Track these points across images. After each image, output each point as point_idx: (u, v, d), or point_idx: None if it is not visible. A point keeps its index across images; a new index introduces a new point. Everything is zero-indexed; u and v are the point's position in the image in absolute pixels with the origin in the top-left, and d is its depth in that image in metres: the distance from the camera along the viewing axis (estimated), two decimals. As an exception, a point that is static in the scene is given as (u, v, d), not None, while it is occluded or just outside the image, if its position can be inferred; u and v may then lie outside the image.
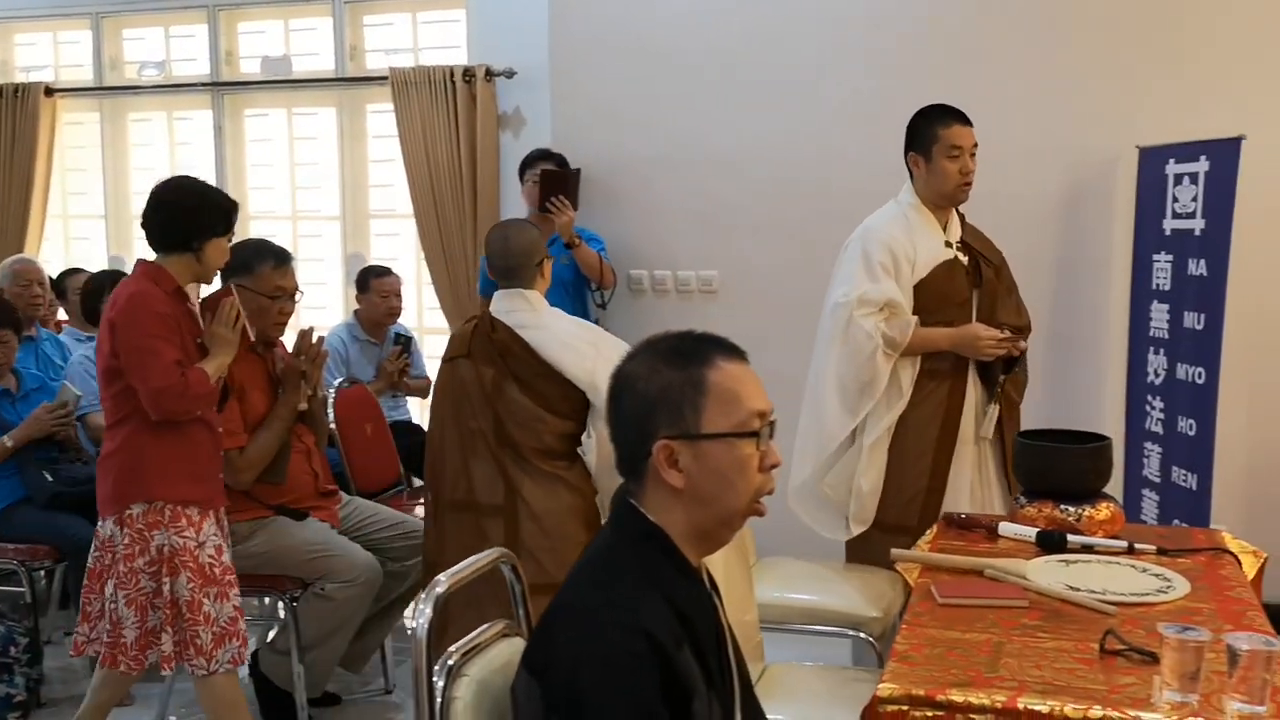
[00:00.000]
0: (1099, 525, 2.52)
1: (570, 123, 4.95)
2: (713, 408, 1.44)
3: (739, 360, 1.50)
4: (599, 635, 1.33)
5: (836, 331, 3.04)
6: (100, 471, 2.88)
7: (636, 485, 1.48)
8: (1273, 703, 1.63)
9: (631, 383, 1.47)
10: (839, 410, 3.04)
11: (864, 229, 3.14)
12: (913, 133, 3.18)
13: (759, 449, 1.47)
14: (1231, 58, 4.16)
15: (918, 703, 1.70)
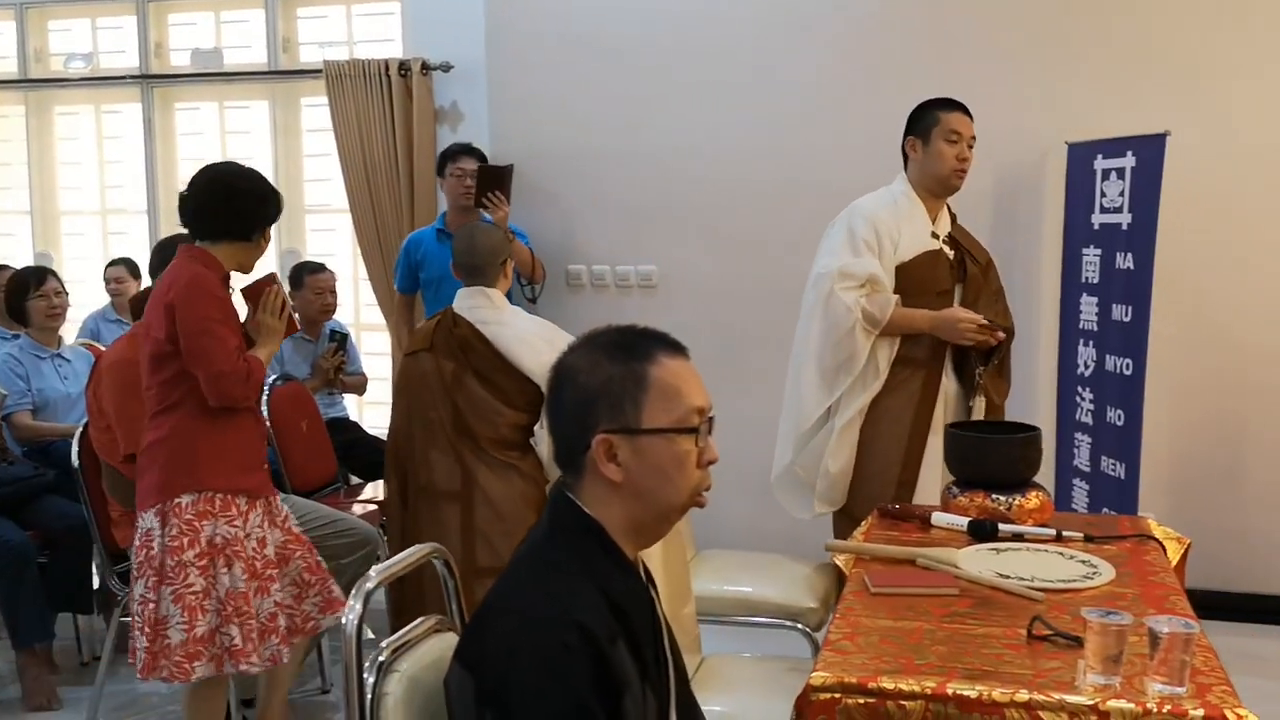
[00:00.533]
0: (1029, 514, 2.57)
1: (508, 117, 4.93)
2: (653, 403, 1.44)
3: (681, 356, 1.50)
4: (533, 628, 1.33)
5: (818, 303, 3.05)
6: (143, 462, 2.77)
7: (574, 478, 1.48)
8: (1192, 683, 1.67)
9: (572, 375, 1.47)
10: (816, 386, 3.06)
11: (852, 207, 3.16)
12: (913, 120, 3.22)
13: (698, 445, 1.47)
14: (1157, 56, 4.25)
15: (849, 690, 1.72)
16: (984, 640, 1.89)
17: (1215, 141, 4.16)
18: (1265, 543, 4.29)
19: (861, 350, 3.02)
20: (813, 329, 3.06)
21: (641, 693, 1.39)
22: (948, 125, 3.13)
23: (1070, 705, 1.64)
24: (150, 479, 2.75)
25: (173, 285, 2.74)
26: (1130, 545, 2.44)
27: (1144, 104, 4.18)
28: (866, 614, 2.02)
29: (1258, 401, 4.25)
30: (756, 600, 2.93)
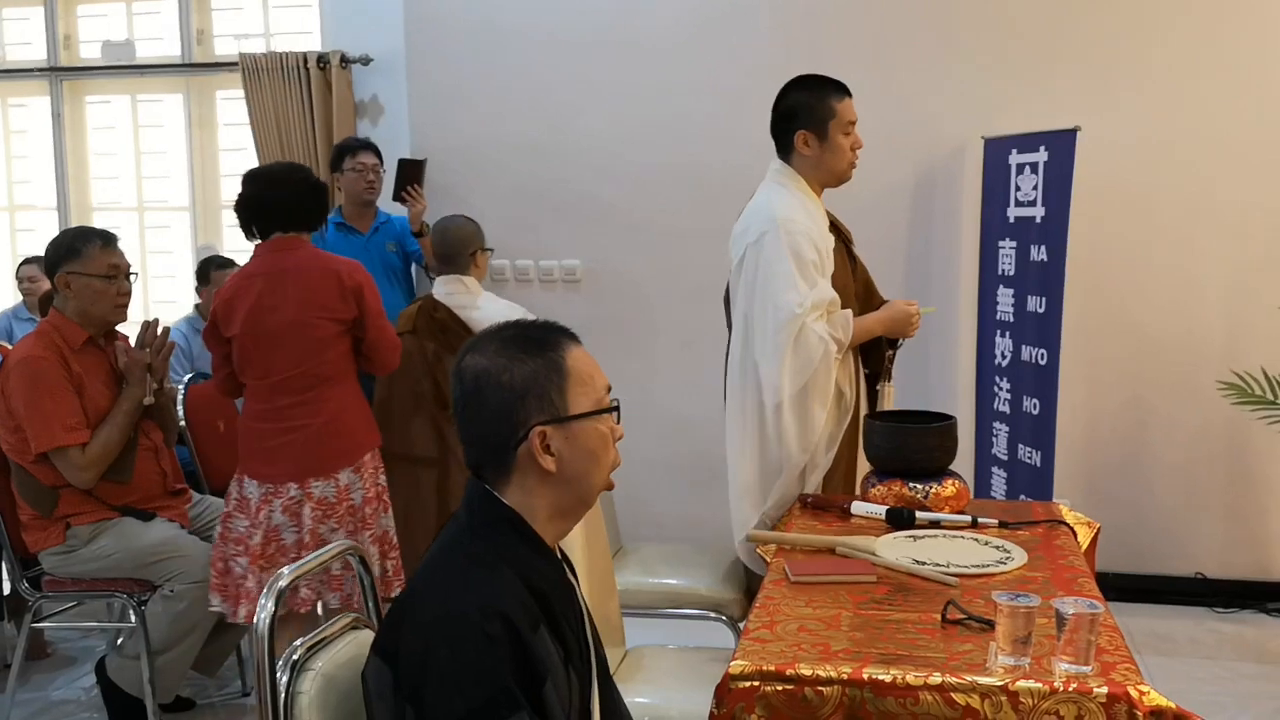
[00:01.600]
0: (945, 501, 2.61)
1: (428, 110, 4.88)
2: (574, 390, 1.48)
3: (579, 343, 1.54)
4: (452, 618, 1.33)
5: (787, 345, 2.72)
6: (329, 430, 3.09)
7: (498, 474, 1.49)
8: (1097, 662, 1.71)
9: (492, 375, 1.47)
10: (798, 428, 2.77)
11: (778, 222, 2.78)
12: (800, 109, 2.88)
13: (616, 423, 1.53)
14: (1069, 53, 4.35)
15: (768, 678, 1.74)
16: (899, 625, 1.92)
17: (1125, 137, 4.27)
18: (1173, 525, 4.43)
19: (833, 379, 2.80)
20: (783, 371, 2.73)
21: (565, 677, 1.40)
22: (844, 116, 2.87)
23: (981, 686, 1.68)
24: (341, 443, 3.11)
25: (355, 268, 3.14)
26: (1042, 530, 2.50)
27: (1057, 100, 4.28)
28: (786, 603, 2.04)
29: (1165, 390, 4.38)
30: (681, 592, 2.95)
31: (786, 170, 2.91)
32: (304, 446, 3.04)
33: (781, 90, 2.95)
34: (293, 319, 3.02)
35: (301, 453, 3.04)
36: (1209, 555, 4.41)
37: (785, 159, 2.92)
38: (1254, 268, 4.24)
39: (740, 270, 2.83)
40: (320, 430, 3.06)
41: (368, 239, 4.57)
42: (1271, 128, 4.20)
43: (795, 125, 2.87)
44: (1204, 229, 4.29)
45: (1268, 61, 4.20)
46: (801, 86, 2.92)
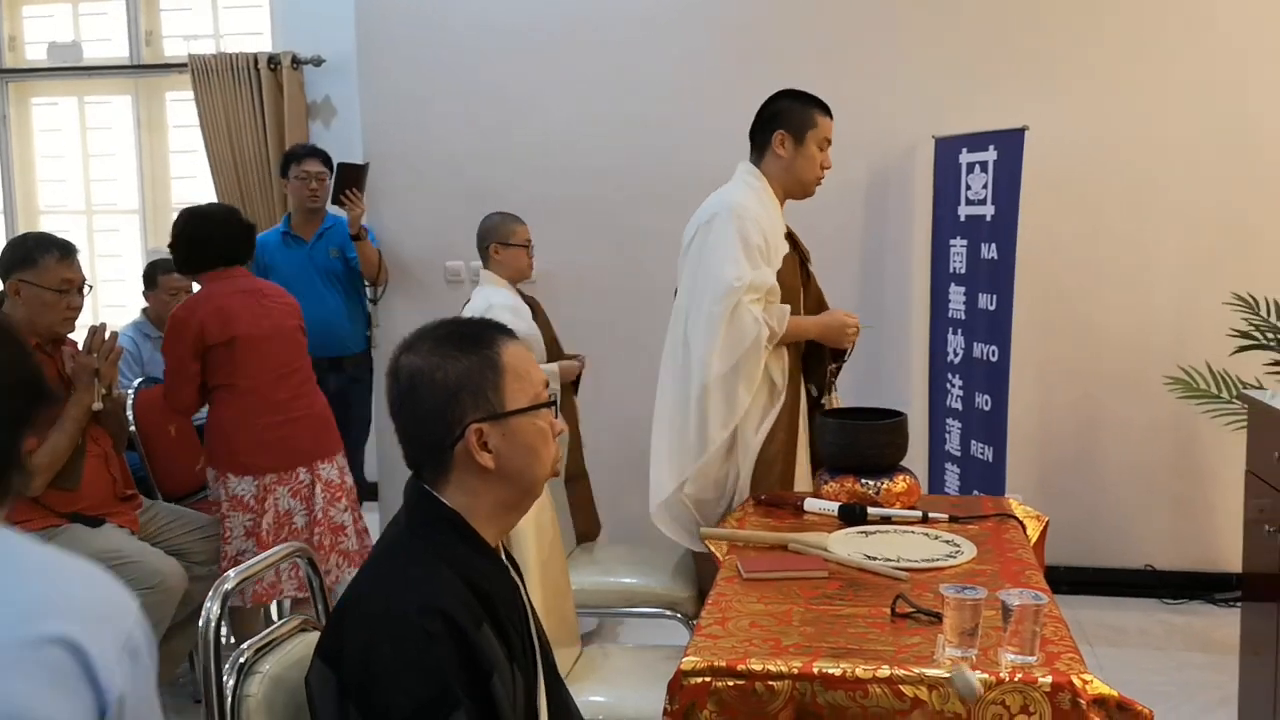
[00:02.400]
0: (897, 497, 2.64)
1: (381, 112, 4.85)
2: (511, 385, 1.48)
3: (515, 339, 1.54)
4: (393, 618, 1.32)
5: (722, 318, 2.75)
6: (325, 416, 3.48)
7: (436, 473, 1.48)
8: (1042, 652, 1.74)
9: (428, 374, 1.47)
10: (722, 407, 2.80)
11: (731, 207, 2.85)
12: (784, 112, 2.97)
13: (555, 417, 1.52)
14: (1017, 54, 4.41)
15: (720, 673, 1.75)
16: (850, 620, 1.94)
17: (1074, 136, 4.33)
18: (1124, 519, 4.50)
19: (761, 365, 2.83)
20: (715, 346, 2.77)
21: (510, 673, 1.40)
22: (823, 131, 2.98)
23: (929, 678, 1.70)
24: (329, 437, 3.48)
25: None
26: (992, 525, 2.53)
27: (1006, 99, 4.33)
28: (738, 599, 2.05)
29: (1115, 385, 4.44)
30: (635, 591, 2.96)
31: (754, 170, 2.99)
32: (310, 431, 3.39)
33: (770, 96, 3.06)
34: (280, 323, 3.39)
35: (308, 437, 3.39)
36: (1158, 548, 4.49)
37: (757, 161, 2.99)
38: (1201, 265, 4.31)
39: (688, 251, 2.90)
40: (319, 417, 3.45)
41: (311, 246, 4.54)
42: (1217, 126, 4.28)
43: (777, 125, 2.97)
44: (1152, 227, 4.35)
45: (1212, 61, 4.28)
46: (790, 96, 3.05)
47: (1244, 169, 4.28)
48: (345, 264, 4.61)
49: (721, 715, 1.74)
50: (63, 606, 0.97)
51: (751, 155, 3.02)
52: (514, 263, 3.92)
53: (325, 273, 4.51)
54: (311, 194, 4.51)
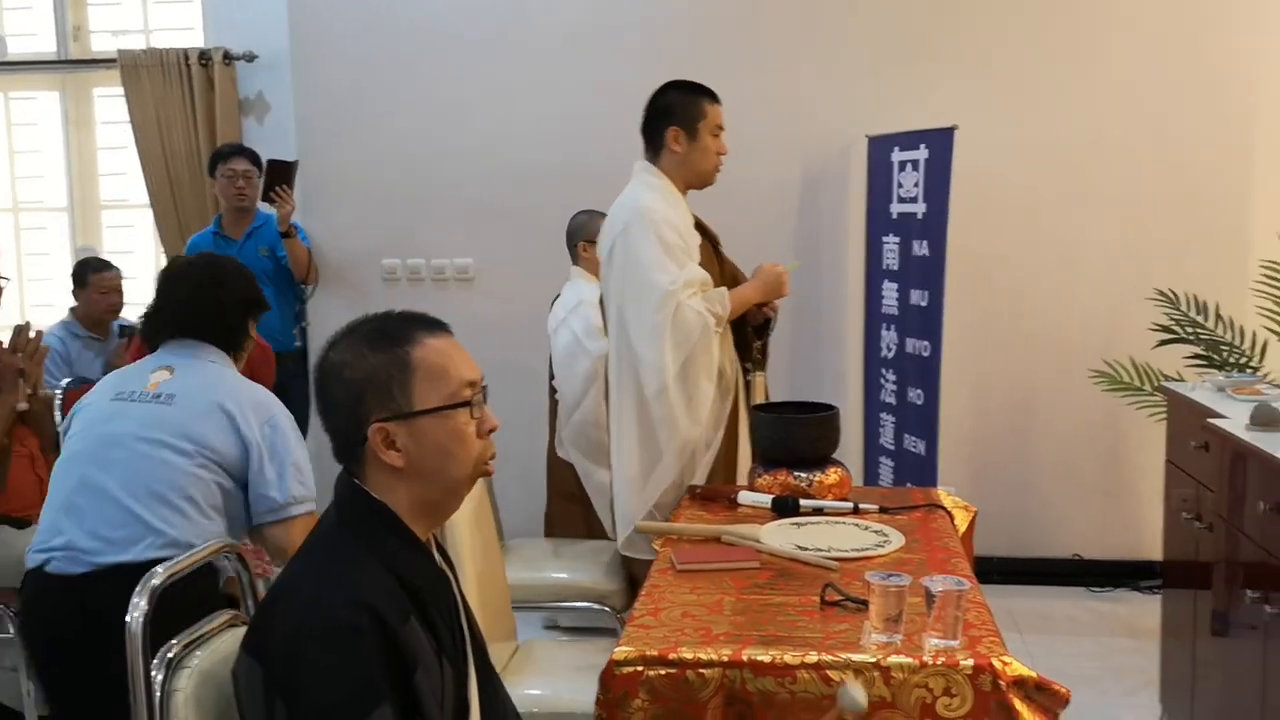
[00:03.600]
0: (828, 489, 2.68)
1: (314, 108, 4.82)
2: (421, 385, 1.46)
3: (443, 334, 1.52)
4: (319, 611, 1.33)
5: (666, 324, 2.79)
6: None
7: (357, 468, 1.48)
8: (965, 636, 1.79)
9: (338, 371, 1.47)
10: (686, 406, 2.82)
11: (641, 213, 2.88)
12: (673, 107, 2.98)
13: (474, 417, 1.49)
14: (947, 55, 4.50)
15: (651, 663, 1.77)
16: (780, 608, 1.97)
17: (1003, 135, 4.43)
18: (1051, 510, 4.61)
19: (715, 352, 2.87)
20: (664, 350, 2.80)
21: (439, 667, 1.41)
22: (713, 120, 2.97)
23: (855, 663, 1.74)
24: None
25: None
26: (920, 515, 2.58)
27: (937, 100, 4.41)
28: (671, 590, 2.08)
29: (1044, 379, 4.55)
30: (567, 585, 2.98)
31: (651, 169, 2.99)
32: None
33: (656, 91, 3.03)
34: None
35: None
36: (1086, 538, 4.60)
37: (654, 157, 3.00)
38: (1125, 261, 4.43)
39: (610, 264, 2.90)
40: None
41: (240, 246, 4.48)
42: (1141, 128, 4.40)
43: (668, 121, 2.96)
44: (1079, 225, 4.47)
45: (1137, 61, 4.40)
46: (676, 88, 3.02)
47: (1167, 170, 4.41)
48: (276, 262, 4.56)
49: (653, 704, 1.76)
50: (232, 395, 2.30)
51: (646, 153, 3.02)
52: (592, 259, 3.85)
53: (257, 272, 4.43)
54: (239, 193, 4.46)
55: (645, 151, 3.02)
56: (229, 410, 2.27)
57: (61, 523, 2.21)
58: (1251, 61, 4.34)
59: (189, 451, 2.21)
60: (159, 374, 2.34)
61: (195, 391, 2.30)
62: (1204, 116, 4.36)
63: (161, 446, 2.21)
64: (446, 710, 1.40)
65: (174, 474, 2.20)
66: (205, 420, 2.26)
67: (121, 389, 2.36)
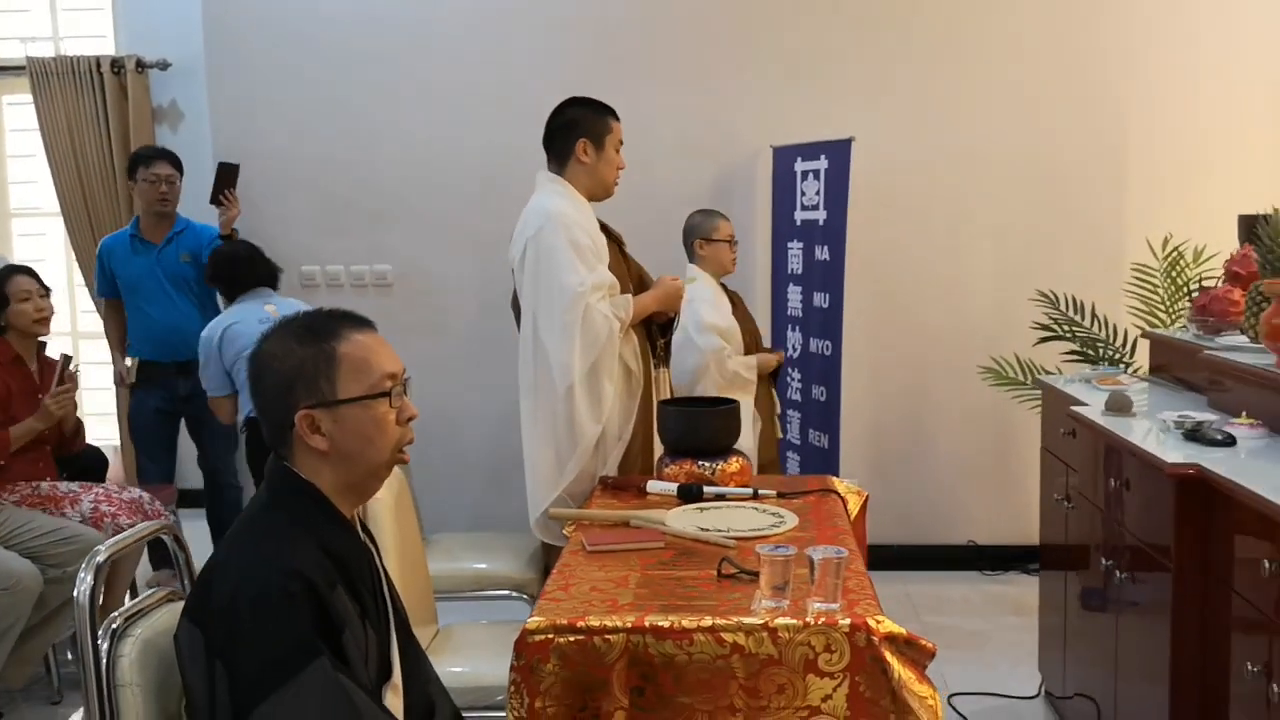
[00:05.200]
0: (730, 477, 2.86)
1: (230, 117, 4.87)
2: (345, 376, 1.61)
3: (368, 330, 1.67)
4: (256, 579, 1.46)
5: (575, 324, 2.93)
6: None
7: (287, 451, 1.62)
8: (844, 600, 1.97)
9: (268, 363, 1.62)
10: (592, 404, 2.97)
11: (553, 216, 3.00)
12: (582, 121, 3.12)
13: (393, 406, 1.65)
14: (848, 70, 4.74)
15: (561, 631, 1.92)
16: (680, 581, 2.14)
17: (897, 147, 4.69)
18: (948, 500, 4.87)
19: (617, 356, 3.01)
20: (573, 350, 2.94)
21: (363, 630, 1.55)
22: (617, 135, 3.15)
23: (746, 626, 1.91)
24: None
25: None
26: (814, 499, 2.77)
27: (838, 112, 4.66)
28: (581, 569, 2.23)
29: (939, 376, 4.81)
30: (485, 575, 3.13)
31: (556, 178, 3.13)
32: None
33: (559, 106, 3.17)
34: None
35: None
36: (979, 524, 4.87)
37: (558, 168, 3.14)
38: (1012, 264, 4.71)
39: (523, 266, 3.04)
40: None
41: (159, 251, 4.50)
42: (1025, 139, 4.70)
43: (578, 134, 3.11)
44: (968, 230, 4.74)
45: (1020, 77, 4.68)
46: (582, 103, 3.18)
47: (1048, 178, 4.70)
48: (197, 269, 4.59)
49: (563, 668, 1.92)
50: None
51: (550, 165, 3.15)
52: (717, 257, 4.08)
53: (175, 278, 4.46)
54: (161, 197, 4.46)
55: (549, 163, 3.16)
56: None
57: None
58: (1121, 78, 4.66)
59: None
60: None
61: None
62: (1080, 129, 4.67)
63: None
64: (370, 669, 1.55)
65: None
66: None
67: None
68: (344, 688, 1.42)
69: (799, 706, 1.91)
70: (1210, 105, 4.63)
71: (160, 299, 4.41)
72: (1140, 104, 4.66)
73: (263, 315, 3.89)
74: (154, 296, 4.42)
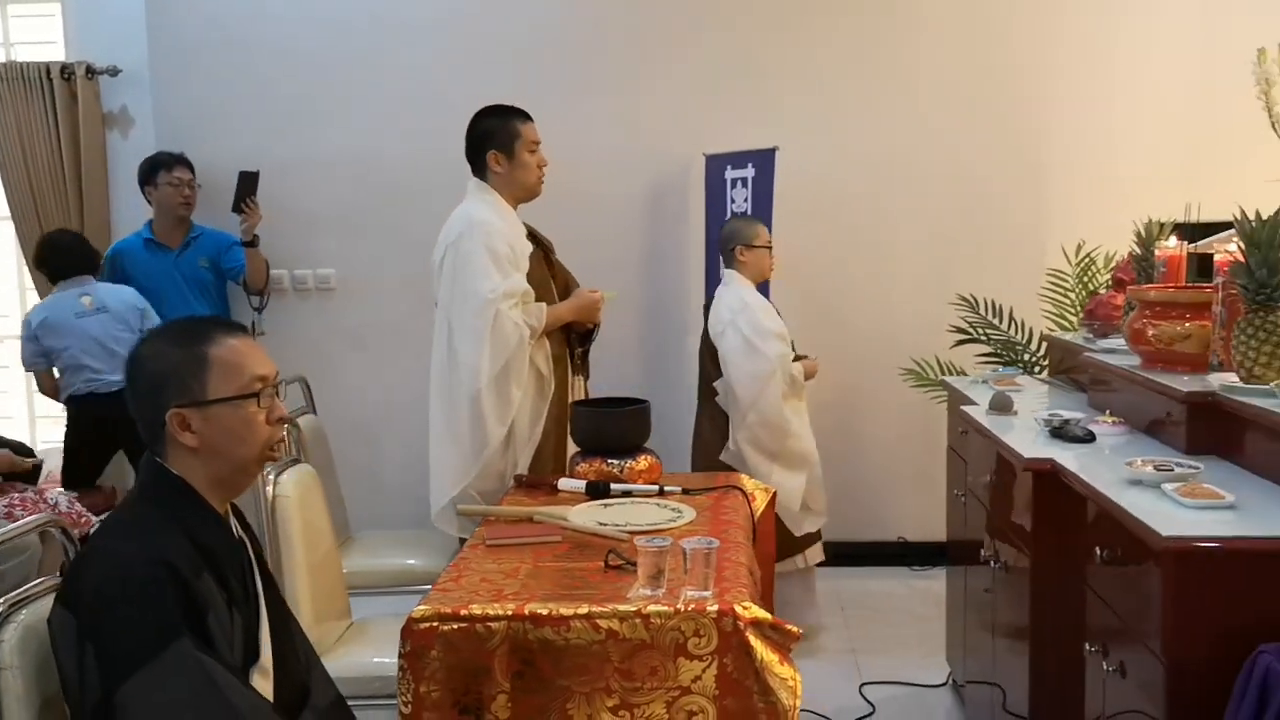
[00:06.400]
0: (639, 474, 2.97)
1: (176, 123, 4.96)
2: (216, 377, 1.73)
3: (240, 335, 1.80)
4: (123, 566, 1.57)
5: (485, 329, 3.04)
6: None
7: (160, 448, 1.74)
8: (716, 588, 2.09)
9: (143, 364, 1.74)
10: (499, 406, 3.07)
11: (473, 224, 3.13)
12: (490, 132, 3.24)
13: (262, 406, 1.76)
14: (776, 81, 4.88)
15: (445, 619, 2.04)
16: (569, 573, 2.25)
17: (825, 153, 4.83)
18: (878, 498, 5.00)
19: (527, 362, 3.12)
20: (483, 354, 3.05)
21: (229, 615, 1.67)
22: (529, 136, 3.23)
23: (621, 612, 2.03)
24: None
25: None
26: (718, 495, 2.89)
27: (768, 120, 4.79)
28: (477, 562, 2.34)
29: (867, 377, 4.94)
30: (403, 571, 3.24)
31: (483, 186, 3.26)
32: None
33: (472, 119, 3.29)
34: None
35: None
36: (909, 521, 5.01)
37: (481, 178, 3.27)
38: (936, 269, 4.85)
39: (441, 271, 3.16)
40: None
41: (178, 255, 4.60)
42: (946, 147, 4.84)
43: (487, 146, 3.23)
44: (891, 235, 4.88)
45: (941, 88, 4.83)
46: (490, 114, 3.29)
47: (969, 185, 4.85)
48: (216, 274, 4.68)
49: (447, 655, 2.03)
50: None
51: (474, 172, 3.28)
52: (757, 263, 4.11)
53: (194, 282, 4.59)
54: (185, 201, 4.58)
55: (473, 172, 3.29)
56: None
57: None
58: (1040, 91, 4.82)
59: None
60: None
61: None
62: (1001, 139, 4.83)
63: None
64: (236, 651, 1.67)
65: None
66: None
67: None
68: (205, 665, 1.54)
69: (670, 687, 2.03)
70: (1124, 118, 4.80)
71: (181, 303, 4.52)
72: (1058, 116, 4.82)
73: (78, 307, 4.31)
74: (174, 300, 4.53)
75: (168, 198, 4.58)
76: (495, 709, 2.01)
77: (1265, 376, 2.20)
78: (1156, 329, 2.53)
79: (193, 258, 4.61)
